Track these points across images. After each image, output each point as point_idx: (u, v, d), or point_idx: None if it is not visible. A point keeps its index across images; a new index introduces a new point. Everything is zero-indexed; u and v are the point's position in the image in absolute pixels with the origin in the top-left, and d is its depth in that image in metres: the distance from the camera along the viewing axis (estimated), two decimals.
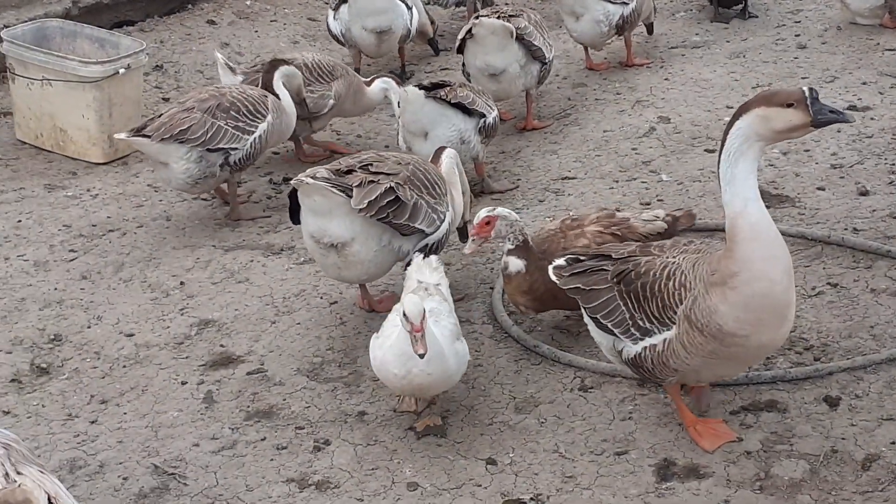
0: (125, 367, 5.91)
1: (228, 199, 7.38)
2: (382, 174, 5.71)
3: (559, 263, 5.20)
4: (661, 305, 4.79)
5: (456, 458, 5.10)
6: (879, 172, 7.27)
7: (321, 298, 6.38)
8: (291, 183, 5.65)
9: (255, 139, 7.12)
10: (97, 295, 6.55)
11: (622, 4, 8.90)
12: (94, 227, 7.29)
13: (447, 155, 6.23)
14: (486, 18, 7.88)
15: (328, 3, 9.93)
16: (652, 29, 9.77)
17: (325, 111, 7.86)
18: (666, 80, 9.03)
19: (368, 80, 8.04)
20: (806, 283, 6.12)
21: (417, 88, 7.00)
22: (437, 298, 5.26)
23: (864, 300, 5.96)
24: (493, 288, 6.29)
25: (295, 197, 5.76)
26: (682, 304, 4.72)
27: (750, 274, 4.55)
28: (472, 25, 7.87)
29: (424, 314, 4.82)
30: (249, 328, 6.16)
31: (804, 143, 7.57)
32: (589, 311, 5.06)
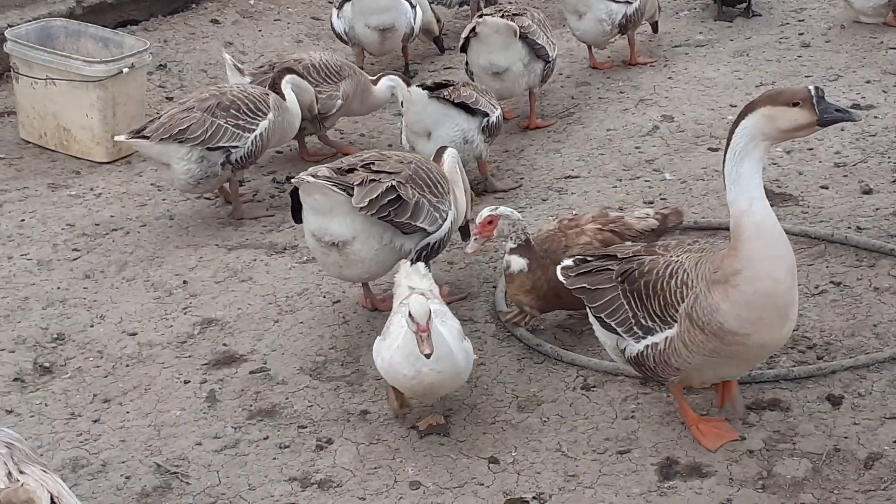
0: (128, 366, 5.91)
1: (230, 198, 7.38)
2: (384, 173, 5.71)
3: (567, 264, 5.22)
4: (663, 303, 4.79)
5: (458, 456, 5.10)
6: (883, 171, 7.26)
7: (324, 297, 6.38)
8: (293, 181, 5.65)
9: (255, 137, 7.11)
10: (100, 294, 6.55)
11: (625, 3, 8.88)
12: (97, 226, 7.30)
13: (449, 154, 6.23)
14: (489, 17, 7.87)
15: (332, 1, 9.95)
16: (657, 27, 9.76)
17: (333, 111, 7.85)
18: (669, 78, 9.02)
19: (374, 78, 8.03)
20: (809, 281, 6.11)
21: (421, 88, 7.00)
22: (437, 301, 5.27)
23: (867, 299, 5.95)
24: (495, 287, 6.29)
25: (297, 195, 5.76)
26: (683, 302, 4.72)
27: (753, 272, 4.55)
28: (475, 24, 7.86)
29: (430, 314, 4.82)
30: (252, 327, 6.16)
31: (807, 141, 7.56)
32: (594, 310, 5.07)
